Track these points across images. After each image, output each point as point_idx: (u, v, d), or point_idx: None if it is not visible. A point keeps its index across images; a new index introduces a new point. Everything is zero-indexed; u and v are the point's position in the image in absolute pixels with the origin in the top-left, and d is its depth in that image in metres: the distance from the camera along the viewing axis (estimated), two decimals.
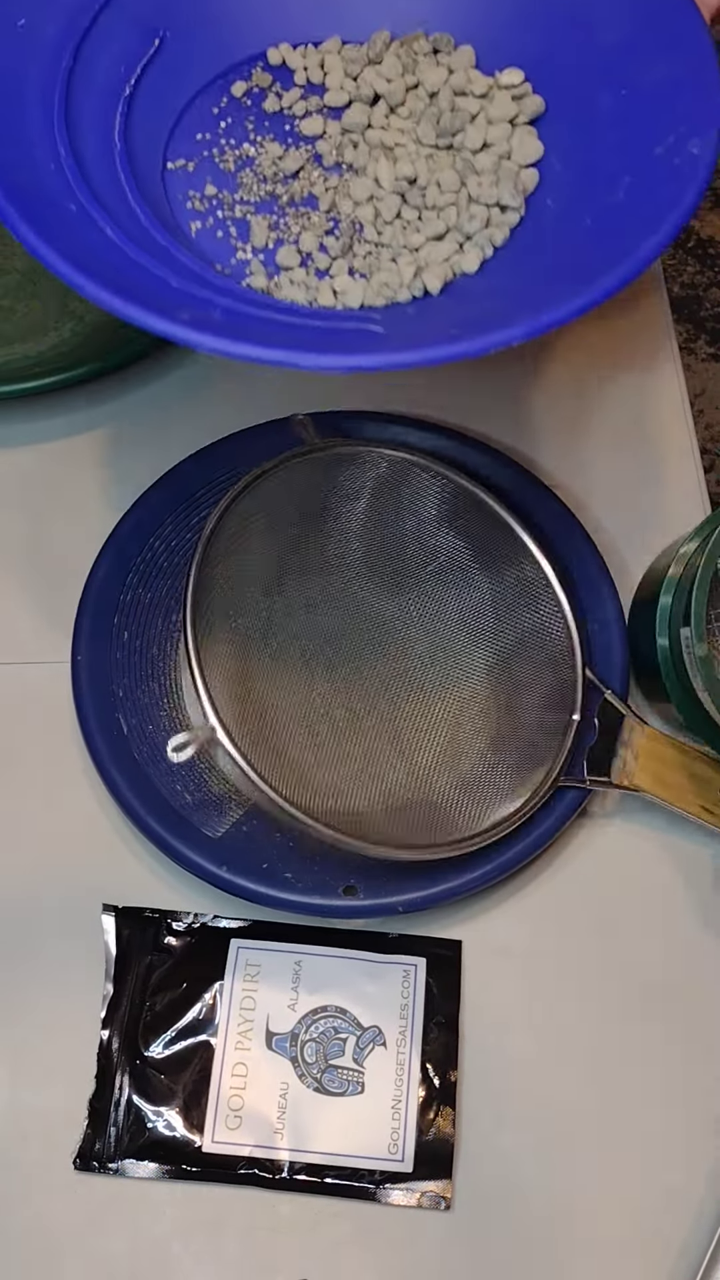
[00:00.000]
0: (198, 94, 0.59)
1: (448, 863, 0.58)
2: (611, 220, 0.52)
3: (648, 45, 0.54)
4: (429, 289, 0.54)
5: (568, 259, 0.52)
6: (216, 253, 0.56)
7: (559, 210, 0.55)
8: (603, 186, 0.53)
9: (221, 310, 0.51)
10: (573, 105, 0.56)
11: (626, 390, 0.75)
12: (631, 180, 0.52)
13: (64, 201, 0.52)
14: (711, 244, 1.72)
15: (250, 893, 0.59)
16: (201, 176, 0.58)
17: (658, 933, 0.60)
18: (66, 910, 0.61)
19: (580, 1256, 0.54)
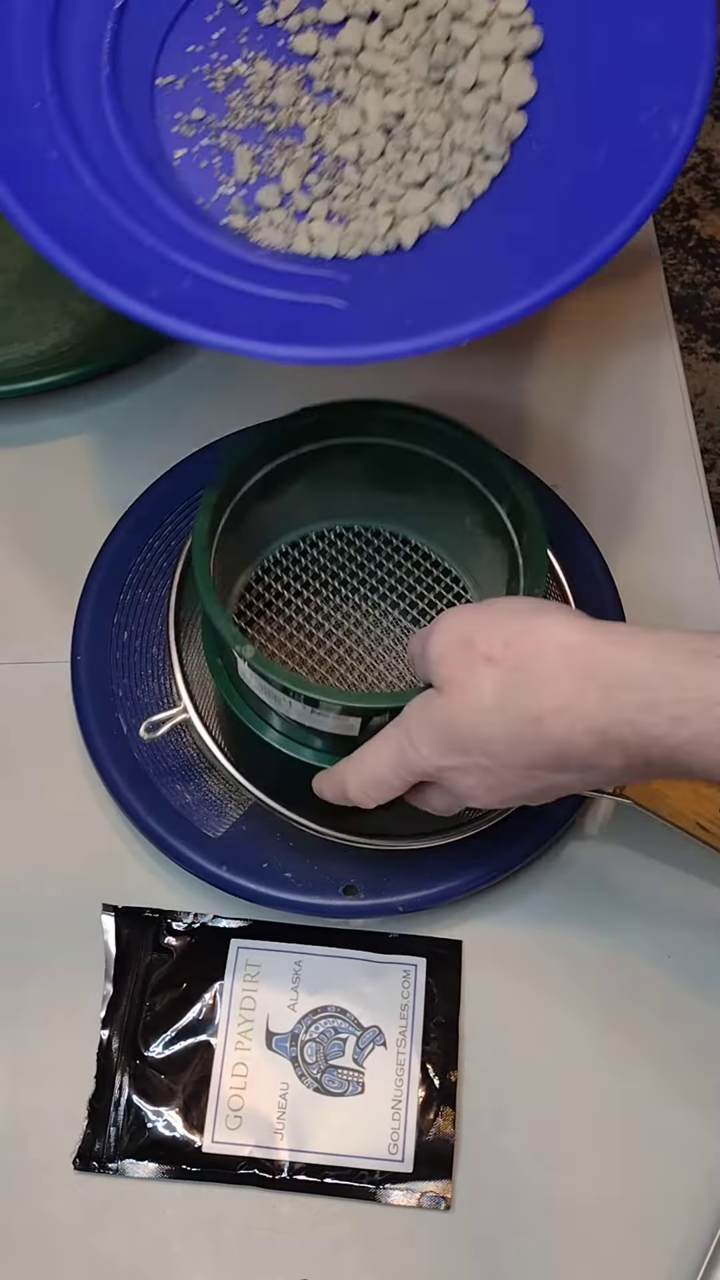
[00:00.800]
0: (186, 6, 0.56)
1: (446, 860, 0.58)
2: (586, 189, 0.52)
3: None
4: (403, 243, 0.53)
5: (538, 227, 0.52)
6: (200, 185, 0.55)
7: (541, 157, 0.54)
8: (585, 144, 0.52)
9: (191, 280, 0.51)
10: (570, 45, 0.54)
11: (627, 390, 0.75)
12: (611, 146, 0.52)
13: (44, 149, 0.52)
14: (712, 243, 1.72)
15: (250, 892, 0.59)
16: (190, 96, 0.56)
17: (657, 933, 0.60)
18: (66, 910, 0.61)
19: (580, 1257, 0.54)
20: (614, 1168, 0.56)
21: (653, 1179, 0.56)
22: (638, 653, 0.43)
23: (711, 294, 1.69)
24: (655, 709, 0.42)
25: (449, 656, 0.46)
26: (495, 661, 0.44)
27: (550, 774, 0.46)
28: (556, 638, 0.44)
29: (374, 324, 0.50)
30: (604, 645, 0.44)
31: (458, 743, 0.46)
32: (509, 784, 0.47)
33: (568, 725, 0.43)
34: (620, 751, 0.43)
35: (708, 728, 0.42)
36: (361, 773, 0.50)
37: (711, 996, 0.59)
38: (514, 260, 0.51)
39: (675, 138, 0.50)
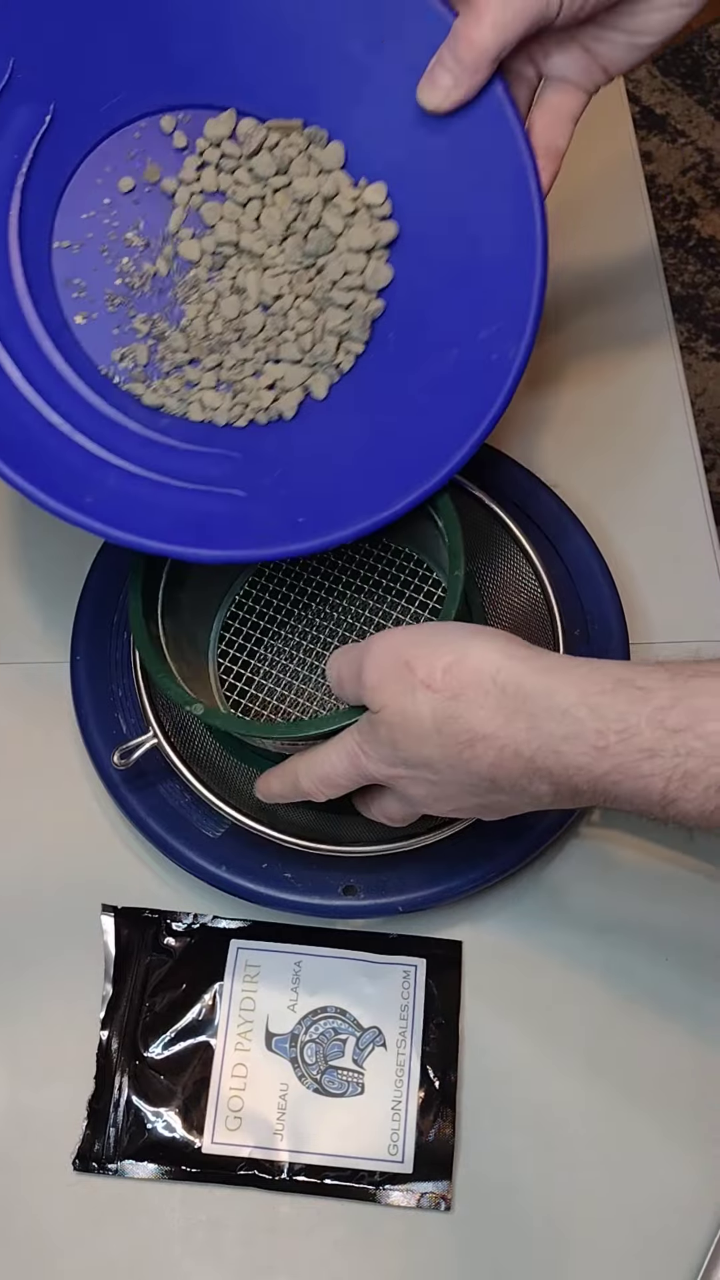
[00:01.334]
0: (81, 163, 0.59)
1: (446, 860, 0.58)
2: (436, 394, 0.57)
3: (495, 209, 0.56)
4: (284, 415, 0.59)
5: (397, 422, 0.57)
6: (99, 350, 0.59)
7: (397, 349, 0.59)
8: (435, 347, 0.57)
9: (115, 477, 0.56)
10: (422, 248, 0.58)
11: (627, 390, 0.75)
12: (459, 354, 0.57)
13: None
14: (712, 243, 1.72)
15: (250, 893, 0.58)
16: (87, 262, 0.59)
17: (656, 934, 0.60)
18: (65, 910, 0.61)
19: (580, 1257, 0.54)
20: (614, 1169, 0.56)
21: (652, 1180, 0.56)
22: (563, 683, 0.44)
23: (711, 294, 1.69)
24: (578, 740, 0.43)
25: (388, 682, 0.47)
26: (434, 689, 0.46)
27: (487, 794, 0.48)
28: (490, 667, 0.46)
29: (273, 517, 0.56)
30: (532, 675, 0.45)
31: (405, 760, 0.48)
32: (454, 797, 0.49)
33: (497, 751, 0.45)
34: (547, 779, 0.45)
35: (627, 759, 0.43)
36: (315, 771, 0.52)
37: (711, 997, 0.59)
38: (379, 452, 0.57)
39: (510, 364, 0.55)
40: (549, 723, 0.44)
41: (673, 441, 0.73)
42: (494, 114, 0.55)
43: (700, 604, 0.68)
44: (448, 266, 0.58)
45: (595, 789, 0.44)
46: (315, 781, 0.52)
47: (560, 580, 0.63)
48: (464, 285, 0.57)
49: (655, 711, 0.43)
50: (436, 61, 0.53)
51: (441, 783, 0.48)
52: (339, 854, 0.58)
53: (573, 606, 0.63)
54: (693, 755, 0.42)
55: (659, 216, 1.74)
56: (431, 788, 0.49)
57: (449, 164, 0.57)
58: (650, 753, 0.43)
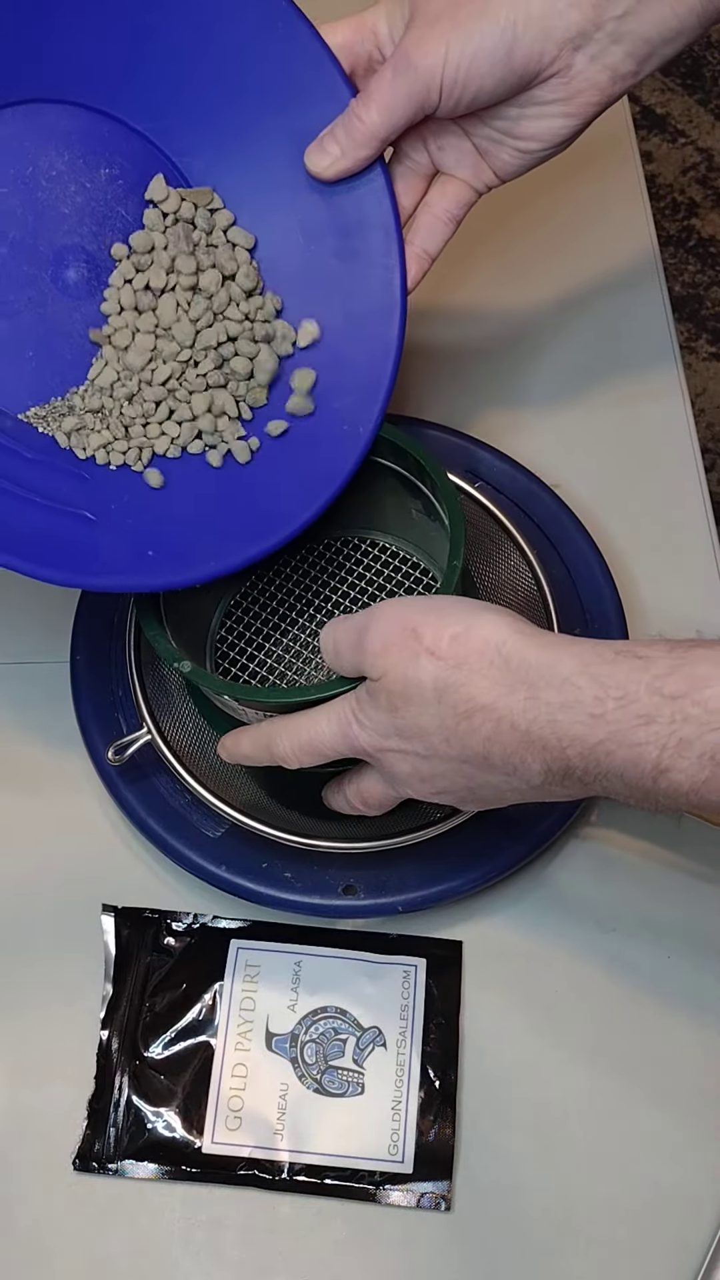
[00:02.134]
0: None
1: (446, 860, 0.58)
2: (290, 458, 0.58)
3: (361, 287, 0.58)
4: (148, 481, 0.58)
5: (252, 482, 0.59)
6: None
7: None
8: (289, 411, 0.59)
9: None
10: (293, 301, 0.59)
11: (627, 389, 0.75)
12: (315, 419, 0.59)
13: None
14: (713, 243, 1.72)
15: (250, 892, 0.58)
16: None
17: (657, 933, 0.60)
18: (65, 910, 0.61)
19: (581, 1258, 0.54)
20: (614, 1168, 0.56)
21: (652, 1179, 0.56)
22: (564, 655, 0.45)
23: (712, 293, 1.69)
24: (575, 708, 0.44)
25: (392, 648, 0.48)
26: (438, 656, 0.46)
27: (478, 772, 0.48)
28: (496, 639, 0.46)
29: (121, 546, 0.56)
30: (534, 648, 0.46)
31: (400, 729, 0.48)
32: (441, 775, 0.49)
33: (495, 722, 0.46)
34: (540, 753, 0.45)
35: (623, 725, 0.43)
36: (299, 738, 0.52)
37: (712, 997, 0.59)
38: (227, 503, 0.58)
39: (359, 439, 0.57)
40: (548, 692, 0.44)
41: (673, 441, 0.73)
42: (374, 195, 0.57)
43: (700, 604, 0.68)
44: (328, 326, 0.59)
45: (587, 763, 0.44)
46: (295, 747, 0.52)
47: (560, 580, 0.64)
48: (325, 350, 0.59)
49: (654, 679, 0.43)
50: (328, 132, 0.56)
51: (432, 757, 0.48)
52: (337, 850, 0.58)
53: (572, 606, 0.63)
54: (689, 721, 0.42)
55: (659, 216, 1.74)
56: (420, 763, 0.49)
57: (328, 236, 0.58)
58: (646, 719, 0.43)
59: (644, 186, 0.82)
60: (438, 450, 0.66)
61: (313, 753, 0.52)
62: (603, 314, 0.78)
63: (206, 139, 0.58)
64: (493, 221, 0.81)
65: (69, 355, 0.58)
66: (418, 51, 0.52)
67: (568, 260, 0.80)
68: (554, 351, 0.77)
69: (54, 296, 0.58)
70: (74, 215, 0.58)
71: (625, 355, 0.76)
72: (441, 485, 0.57)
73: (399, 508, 0.62)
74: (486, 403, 0.74)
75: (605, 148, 0.82)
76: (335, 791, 0.55)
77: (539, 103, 0.54)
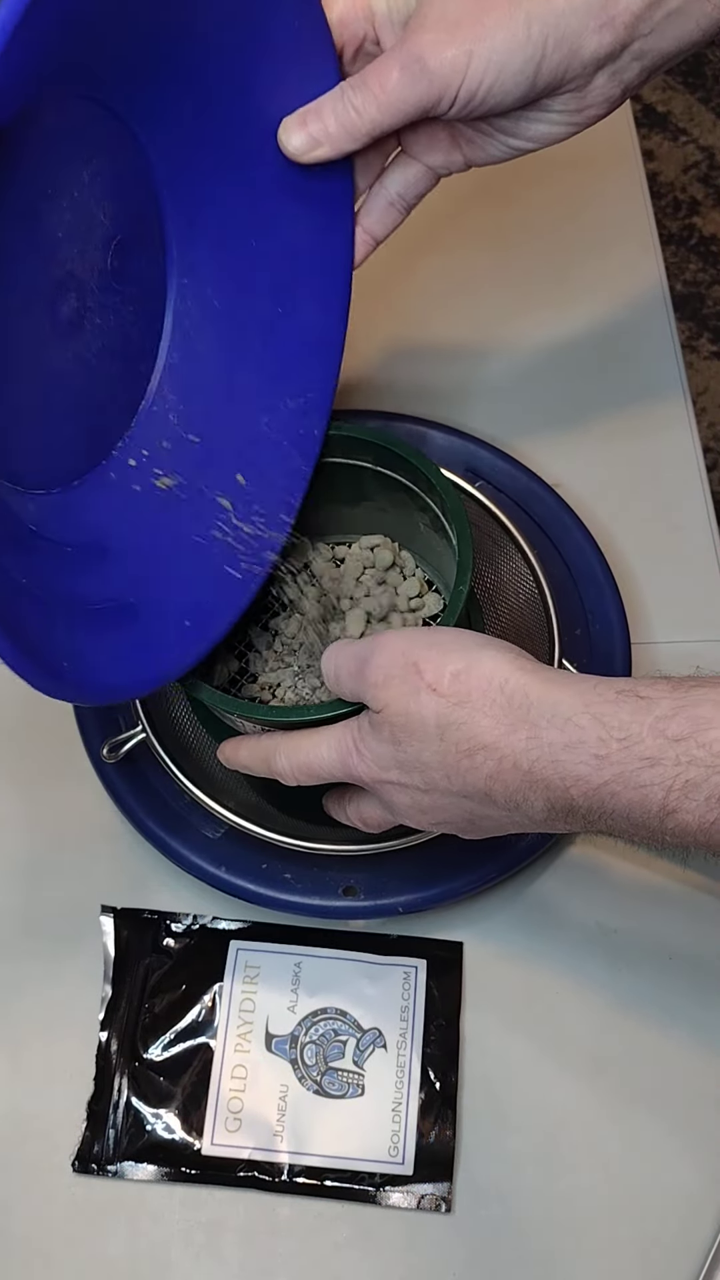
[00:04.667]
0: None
1: (447, 861, 0.58)
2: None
3: (309, 279, 0.57)
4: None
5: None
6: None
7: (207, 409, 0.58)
8: (245, 413, 0.58)
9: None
10: (244, 301, 0.58)
11: (628, 389, 0.75)
12: (269, 420, 0.58)
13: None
14: (714, 241, 1.72)
15: (249, 893, 0.58)
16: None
17: (659, 934, 0.60)
18: (65, 911, 0.61)
19: (581, 1259, 0.54)
20: (614, 1170, 0.56)
21: (653, 1182, 0.55)
22: (566, 694, 0.45)
23: (713, 292, 1.69)
24: (579, 748, 0.43)
25: (394, 681, 0.47)
26: (440, 693, 0.46)
27: (479, 807, 0.47)
28: (498, 676, 0.46)
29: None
30: (538, 686, 0.45)
31: (401, 762, 0.48)
32: (441, 809, 0.48)
33: (497, 761, 0.45)
34: (543, 792, 0.45)
35: (628, 767, 0.43)
36: (297, 758, 0.51)
37: (713, 998, 0.59)
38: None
39: (316, 440, 0.58)
40: (550, 731, 0.44)
41: (674, 440, 0.73)
42: (337, 192, 0.55)
43: (701, 604, 0.68)
44: (261, 329, 0.58)
45: (591, 803, 0.44)
46: (294, 767, 0.51)
47: (561, 579, 0.63)
48: (270, 351, 0.58)
49: (657, 721, 0.43)
50: (313, 112, 0.51)
51: (432, 791, 0.48)
52: (336, 853, 0.58)
53: (573, 606, 0.63)
54: (694, 764, 0.42)
55: (660, 215, 1.74)
56: (420, 796, 0.48)
57: (283, 223, 0.55)
58: (651, 761, 0.42)
59: (645, 185, 0.82)
60: (438, 450, 0.66)
61: (310, 775, 0.51)
62: (604, 313, 0.78)
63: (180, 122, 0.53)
64: (493, 221, 0.81)
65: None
66: (436, 58, 0.48)
67: (568, 259, 0.80)
68: (554, 350, 0.76)
69: (53, 340, 0.52)
70: (65, 234, 0.50)
71: (626, 354, 0.76)
72: (452, 506, 0.56)
73: (406, 519, 0.62)
74: (487, 402, 0.74)
75: (606, 146, 0.82)
76: (337, 806, 0.55)
77: (546, 110, 0.53)
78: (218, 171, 0.54)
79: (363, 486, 0.61)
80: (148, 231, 0.55)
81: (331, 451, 0.60)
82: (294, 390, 0.58)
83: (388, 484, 0.60)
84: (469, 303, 0.78)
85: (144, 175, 0.54)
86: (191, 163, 0.54)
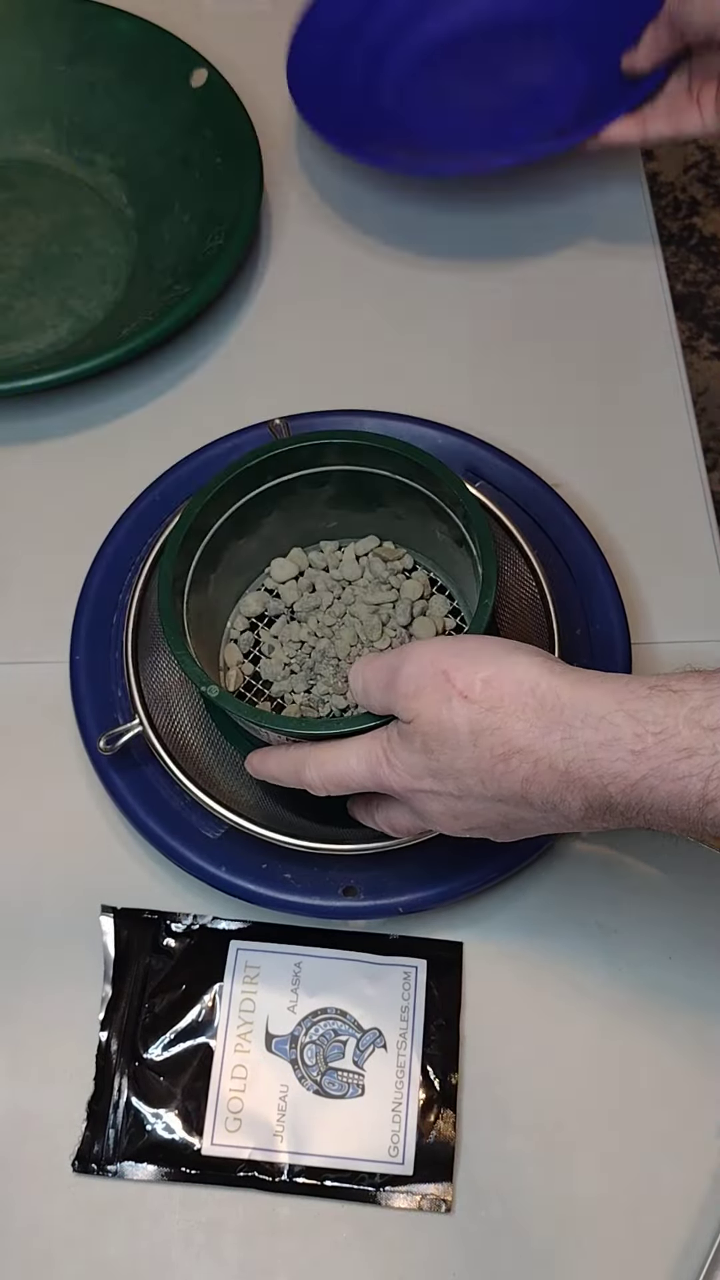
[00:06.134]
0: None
1: (447, 861, 0.58)
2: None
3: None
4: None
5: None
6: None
7: None
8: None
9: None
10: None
11: (628, 389, 0.75)
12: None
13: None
14: (714, 241, 1.72)
15: (249, 893, 0.58)
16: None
17: (658, 934, 0.60)
18: (65, 911, 0.60)
19: (582, 1259, 0.54)
20: (615, 1170, 0.56)
21: (653, 1181, 0.56)
22: (598, 693, 0.45)
23: (713, 292, 1.69)
24: (615, 746, 0.44)
25: (424, 691, 0.47)
26: (471, 700, 0.46)
27: (514, 810, 0.48)
28: (529, 680, 0.46)
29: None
30: (567, 687, 0.46)
31: (434, 771, 0.48)
32: (474, 814, 0.49)
33: (532, 764, 0.45)
34: (580, 791, 0.45)
35: (664, 760, 0.43)
36: (326, 769, 0.51)
37: (713, 998, 0.59)
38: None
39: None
40: (585, 731, 0.44)
41: (674, 440, 0.73)
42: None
43: (701, 604, 0.68)
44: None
45: (629, 798, 0.44)
46: (324, 778, 0.52)
47: (561, 579, 0.63)
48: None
49: (691, 712, 0.43)
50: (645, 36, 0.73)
51: (466, 797, 0.48)
52: (337, 853, 0.58)
53: (573, 606, 0.63)
54: None
55: (660, 214, 1.74)
56: (453, 803, 0.48)
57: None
58: (688, 752, 0.43)
59: (645, 185, 0.82)
60: (438, 450, 0.66)
61: (340, 785, 0.51)
62: (604, 313, 0.78)
63: None
64: (493, 222, 0.81)
65: None
66: (683, 10, 0.69)
67: (568, 259, 0.80)
68: (555, 350, 0.76)
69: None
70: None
71: (627, 354, 0.76)
72: (476, 521, 0.56)
73: (422, 528, 0.62)
74: (487, 402, 0.74)
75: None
76: (365, 812, 0.55)
77: None
78: None
79: (380, 495, 0.61)
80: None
81: (349, 460, 0.60)
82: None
83: (407, 492, 0.60)
84: (468, 305, 0.78)
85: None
86: None
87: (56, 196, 0.83)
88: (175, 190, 0.81)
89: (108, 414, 0.75)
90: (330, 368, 0.76)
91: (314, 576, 0.63)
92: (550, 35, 0.83)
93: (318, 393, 0.73)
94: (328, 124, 0.79)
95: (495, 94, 0.82)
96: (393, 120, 0.82)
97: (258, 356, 0.77)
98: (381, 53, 0.83)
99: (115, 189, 0.83)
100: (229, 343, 0.78)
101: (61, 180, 0.84)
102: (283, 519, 0.62)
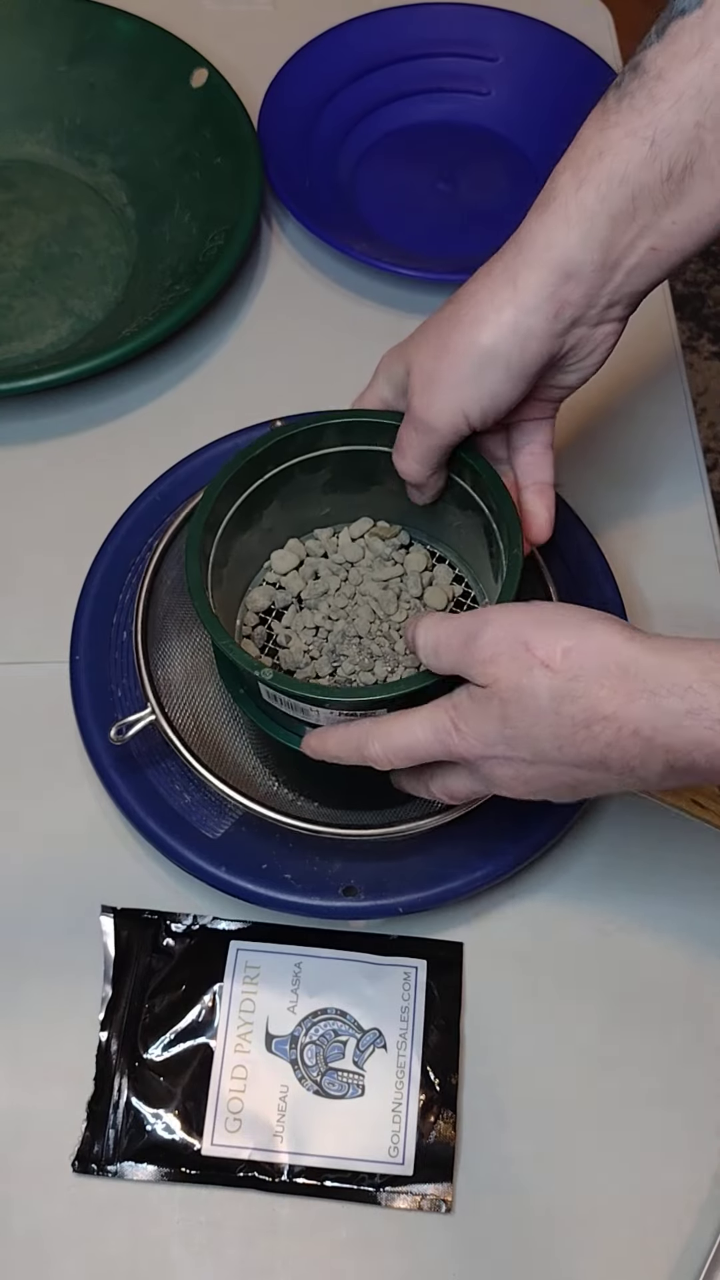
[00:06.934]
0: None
1: (447, 861, 0.58)
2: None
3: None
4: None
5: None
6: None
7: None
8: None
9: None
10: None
11: (628, 389, 0.75)
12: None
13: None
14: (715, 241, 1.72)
15: (249, 894, 0.58)
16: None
17: (658, 934, 0.60)
18: (65, 911, 0.60)
19: (582, 1259, 0.54)
20: (615, 1170, 0.56)
21: (654, 1181, 0.56)
22: (683, 662, 0.45)
23: (714, 292, 1.69)
24: (702, 714, 0.44)
25: (503, 658, 0.48)
26: (553, 669, 0.46)
27: (589, 773, 0.48)
28: (611, 647, 0.46)
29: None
30: (650, 655, 0.46)
31: (509, 739, 0.48)
32: (545, 777, 0.49)
33: (615, 731, 0.46)
34: (663, 755, 0.45)
35: None
36: (391, 742, 0.51)
37: (713, 998, 0.59)
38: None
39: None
40: (670, 699, 0.45)
41: (674, 440, 0.73)
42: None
43: (701, 603, 0.68)
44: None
45: (714, 762, 0.45)
46: (389, 751, 0.51)
47: (561, 579, 0.63)
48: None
49: None
50: (396, 453, 0.59)
51: (540, 763, 0.48)
52: (338, 836, 0.58)
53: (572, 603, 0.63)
54: None
55: None
56: (524, 768, 0.49)
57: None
58: None
59: None
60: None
61: (407, 757, 0.51)
62: None
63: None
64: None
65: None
66: (430, 414, 0.55)
67: None
68: None
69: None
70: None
71: (627, 354, 0.76)
72: (483, 470, 0.56)
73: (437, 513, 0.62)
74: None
75: None
76: (416, 782, 0.55)
77: (565, 369, 0.56)
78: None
79: (374, 471, 0.61)
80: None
81: (349, 439, 0.60)
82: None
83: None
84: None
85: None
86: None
87: (57, 197, 0.83)
88: (175, 190, 0.81)
89: (108, 414, 0.75)
90: (330, 367, 0.76)
91: (315, 564, 0.63)
92: (503, 152, 0.86)
93: (318, 393, 0.73)
94: (297, 194, 0.80)
95: (453, 198, 0.85)
96: (353, 208, 0.83)
97: (258, 356, 0.77)
98: (342, 137, 0.85)
99: (116, 189, 0.83)
100: (229, 343, 0.78)
101: (62, 180, 0.84)
102: (281, 509, 0.62)
